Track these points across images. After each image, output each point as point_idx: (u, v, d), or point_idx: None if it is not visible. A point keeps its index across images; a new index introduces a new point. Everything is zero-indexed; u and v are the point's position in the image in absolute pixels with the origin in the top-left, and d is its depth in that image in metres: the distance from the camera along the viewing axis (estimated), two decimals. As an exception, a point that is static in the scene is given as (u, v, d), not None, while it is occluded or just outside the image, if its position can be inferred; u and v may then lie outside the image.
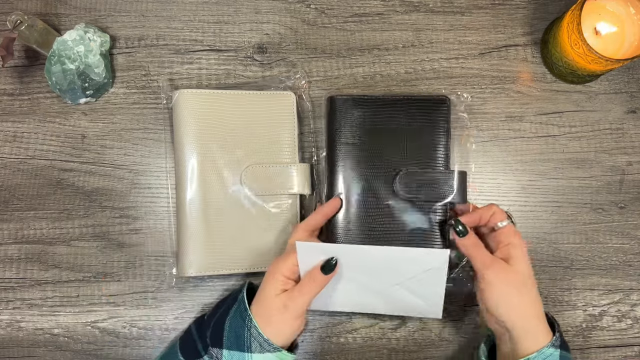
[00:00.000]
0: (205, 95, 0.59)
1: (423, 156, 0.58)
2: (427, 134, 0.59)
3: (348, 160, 0.58)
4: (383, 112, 0.59)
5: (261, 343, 0.49)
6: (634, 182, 0.65)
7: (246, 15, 0.65)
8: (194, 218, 0.58)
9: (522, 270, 0.51)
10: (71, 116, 0.63)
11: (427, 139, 0.59)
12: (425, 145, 0.59)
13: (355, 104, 0.59)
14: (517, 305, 0.50)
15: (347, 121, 0.59)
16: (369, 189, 0.58)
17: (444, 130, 0.59)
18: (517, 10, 0.66)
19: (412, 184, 0.57)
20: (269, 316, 0.50)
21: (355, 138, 0.59)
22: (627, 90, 0.66)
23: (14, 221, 0.61)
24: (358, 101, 0.59)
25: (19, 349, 0.60)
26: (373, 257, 0.52)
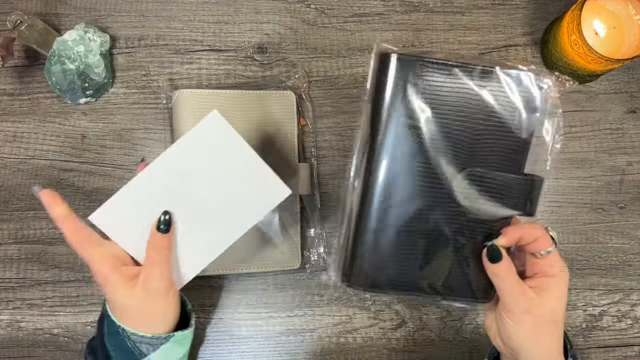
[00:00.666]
0: (205, 95, 0.59)
1: (494, 155, 0.44)
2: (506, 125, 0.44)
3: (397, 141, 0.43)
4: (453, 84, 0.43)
5: (148, 342, 0.45)
6: (634, 182, 0.65)
7: (246, 15, 0.65)
8: (194, 218, 0.58)
9: (553, 309, 0.43)
10: (71, 116, 0.63)
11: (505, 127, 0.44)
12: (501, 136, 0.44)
13: (417, 70, 0.42)
14: (539, 346, 0.44)
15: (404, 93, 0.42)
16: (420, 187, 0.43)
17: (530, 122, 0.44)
18: (517, 10, 0.66)
19: (475, 187, 0.44)
20: (137, 316, 0.45)
21: (412, 117, 0.42)
22: (627, 90, 0.66)
23: (14, 221, 0.61)
24: (427, 66, 0.42)
25: (19, 349, 0.60)
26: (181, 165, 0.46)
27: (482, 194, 0.44)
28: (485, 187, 0.44)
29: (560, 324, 0.44)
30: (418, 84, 0.42)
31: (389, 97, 0.43)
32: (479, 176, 0.44)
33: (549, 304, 0.43)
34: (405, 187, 0.43)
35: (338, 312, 0.62)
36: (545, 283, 0.44)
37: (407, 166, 0.43)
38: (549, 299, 0.43)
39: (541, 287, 0.44)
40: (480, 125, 0.43)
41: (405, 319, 0.62)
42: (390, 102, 0.43)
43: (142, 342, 0.46)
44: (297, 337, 0.62)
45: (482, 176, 0.44)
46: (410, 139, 0.43)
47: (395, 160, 0.43)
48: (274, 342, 0.61)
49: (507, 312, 0.43)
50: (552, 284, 0.44)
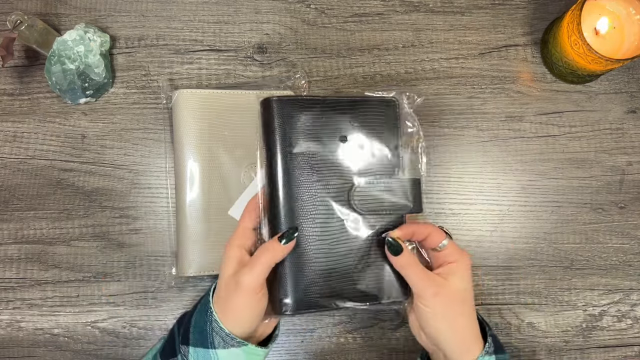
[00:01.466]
0: (205, 95, 0.59)
1: (375, 164, 0.51)
2: (377, 139, 0.51)
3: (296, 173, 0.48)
4: (331, 117, 0.50)
5: (223, 337, 0.46)
6: (634, 182, 0.65)
7: (246, 15, 0.65)
8: (194, 218, 0.58)
9: (460, 289, 0.48)
10: (71, 116, 0.63)
11: (378, 145, 0.51)
12: (377, 152, 0.51)
13: (296, 107, 0.49)
14: (450, 327, 0.47)
15: (288, 126, 0.49)
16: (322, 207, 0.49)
17: (394, 134, 0.52)
18: (517, 10, 0.66)
19: (367, 197, 0.50)
20: (225, 301, 0.46)
21: (302, 146, 0.49)
22: (627, 90, 0.66)
23: (14, 221, 0.61)
24: (299, 103, 0.49)
25: (19, 349, 0.60)
26: None
27: (374, 199, 0.50)
28: (375, 193, 0.50)
29: (470, 303, 0.48)
30: (296, 118, 0.49)
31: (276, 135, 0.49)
32: (368, 184, 0.50)
33: (455, 284, 0.48)
34: (307, 214, 0.48)
35: (338, 312, 0.62)
36: (448, 269, 0.49)
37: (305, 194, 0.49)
38: (455, 280, 0.48)
39: (446, 272, 0.48)
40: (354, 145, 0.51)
41: (406, 319, 0.62)
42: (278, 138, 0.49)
43: (218, 334, 0.46)
44: (297, 337, 0.62)
45: (370, 184, 0.50)
46: (303, 169, 0.49)
47: (291, 192, 0.48)
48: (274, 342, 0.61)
49: (420, 298, 0.47)
50: (454, 268, 0.48)
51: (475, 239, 0.63)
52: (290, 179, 0.48)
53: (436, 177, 0.64)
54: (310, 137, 0.49)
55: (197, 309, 0.49)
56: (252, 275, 0.45)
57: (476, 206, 0.64)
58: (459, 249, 0.50)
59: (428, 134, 0.64)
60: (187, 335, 0.48)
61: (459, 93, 0.65)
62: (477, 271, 0.63)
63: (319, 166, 0.49)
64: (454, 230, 0.63)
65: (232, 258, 0.47)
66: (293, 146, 0.48)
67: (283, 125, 0.48)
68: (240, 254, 0.47)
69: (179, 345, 0.49)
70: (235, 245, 0.48)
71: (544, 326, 0.63)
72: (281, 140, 0.48)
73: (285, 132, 0.48)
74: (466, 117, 0.64)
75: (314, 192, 0.49)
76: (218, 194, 0.59)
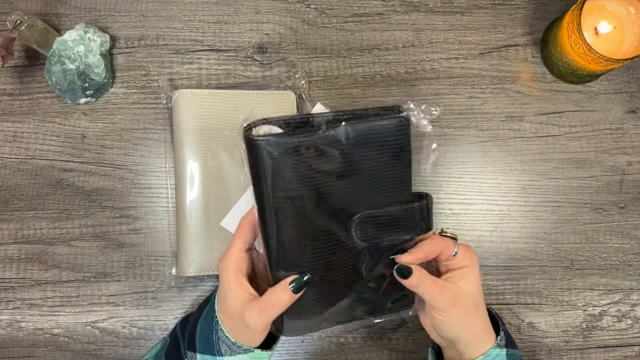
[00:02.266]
0: (205, 95, 0.59)
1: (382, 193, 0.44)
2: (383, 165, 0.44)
3: (288, 217, 0.43)
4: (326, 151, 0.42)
5: (229, 346, 0.47)
6: (634, 182, 0.65)
7: (246, 15, 0.65)
8: (194, 218, 0.58)
9: (473, 292, 0.47)
10: (71, 116, 0.63)
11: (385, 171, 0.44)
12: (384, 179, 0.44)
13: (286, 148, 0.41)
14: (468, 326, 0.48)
15: (281, 173, 0.41)
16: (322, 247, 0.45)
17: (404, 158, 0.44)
18: (517, 10, 0.66)
19: (370, 229, 0.45)
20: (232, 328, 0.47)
21: (294, 190, 0.42)
22: (627, 90, 0.66)
23: (14, 221, 0.61)
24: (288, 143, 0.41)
25: (19, 349, 0.60)
26: None
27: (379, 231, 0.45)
28: (380, 224, 0.45)
29: (481, 305, 0.49)
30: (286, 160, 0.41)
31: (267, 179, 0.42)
32: (372, 217, 0.44)
33: (467, 289, 0.47)
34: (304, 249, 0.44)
35: (338, 312, 0.62)
36: (459, 274, 0.48)
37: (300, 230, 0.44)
38: (466, 285, 0.47)
39: (457, 278, 0.48)
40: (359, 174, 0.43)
41: (406, 319, 0.62)
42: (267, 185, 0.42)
43: (225, 343, 0.47)
44: (297, 337, 0.61)
45: (374, 216, 0.44)
46: (295, 211, 0.43)
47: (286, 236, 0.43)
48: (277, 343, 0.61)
49: (436, 310, 0.47)
50: (465, 274, 0.48)
51: (475, 239, 0.63)
52: (280, 224, 0.43)
53: (436, 177, 0.64)
54: (304, 178, 0.42)
55: (203, 316, 0.50)
56: (263, 320, 0.45)
57: (476, 206, 0.64)
58: (467, 251, 0.49)
59: (428, 134, 0.64)
60: (193, 342, 0.49)
61: (459, 93, 0.65)
62: (477, 271, 0.63)
63: (313, 205, 0.43)
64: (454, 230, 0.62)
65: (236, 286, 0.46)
66: (284, 191, 0.42)
67: (272, 171, 0.41)
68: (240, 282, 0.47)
69: (185, 351, 0.49)
70: (234, 270, 0.47)
71: (544, 326, 0.63)
72: (272, 187, 0.42)
73: (275, 179, 0.41)
74: (466, 117, 0.64)
75: (310, 231, 0.44)
76: (218, 194, 0.59)
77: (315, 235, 0.44)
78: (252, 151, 0.41)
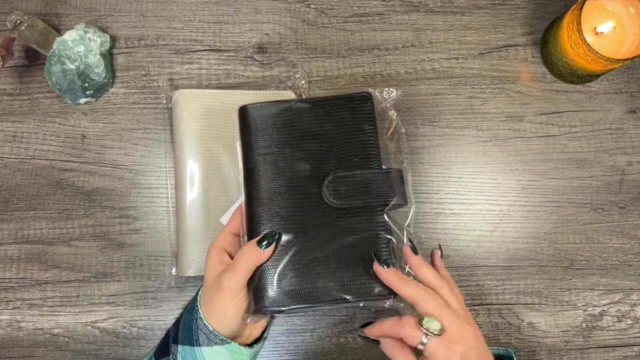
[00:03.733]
0: (205, 95, 0.59)
1: (352, 158, 0.51)
2: (352, 134, 0.52)
3: (269, 173, 0.50)
4: (303, 117, 0.52)
5: (207, 335, 0.47)
6: (634, 182, 0.65)
7: (246, 15, 0.65)
8: (194, 218, 0.58)
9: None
10: (71, 116, 0.63)
11: (354, 139, 0.52)
12: (353, 146, 0.51)
13: (270, 112, 0.52)
14: None
15: (264, 131, 0.51)
16: (296, 202, 0.50)
17: (370, 128, 0.52)
18: (517, 10, 0.66)
19: (342, 188, 0.50)
20: (210, 302, 0.47)
21: (273, 147, 0.51)
22: (627, 90, 0.66)
23: (14, 221, 0.61)
24: (273, 108, 0.52)
25: (19, 349, 0.60)
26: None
27: (350, 192, 0.50)
28: (351, 185, 0.50)
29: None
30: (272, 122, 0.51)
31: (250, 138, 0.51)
32: (342, 177, 0.50)
33: None
34: (284, 209, 0.49)
35: (338, 312, 0.62)
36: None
37: (281, 189, 0.50)
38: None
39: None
40: (332, 141, 0.51)
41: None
42: (251, 141, 0.51)
43: (202, 331, 0.47)
44: (297, 337, 0.62)
45: (344, 176, 0.50)
46: (276, 167, 0.50)
47: (264, 193, 0.50)
48: (274, 342, 0.61)
49: None
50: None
51: (475, 239, 0.63)
52: (262, 179, 0.50)
53: (436, 177, 0.64)
54: (283, 139, 0.51)
55: (186, 308, 0.50)
56: (233, 279, 0.47)
57: (476, 206, 0.64)
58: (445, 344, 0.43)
59: (428, 134, 0.64)
60: (176, 334, 0.49)
61: (459, 93, 0.65)
62: (477, 271, 0.63)
63: (293, 167, 0.50)
64: (454, 230, 0.63)
65: (213, 258, 0.49)
66: (266, 148, 0.51)
67: (257, 130, 0.51)
68: (220, 254, 0.49)
69: (170, 345, 0.49)
70: (216, 246, 0.50)
71: (544, 326, 0.63)
72: (255, 143, 0.51)
73: (258, 136, 0.51)
74: (466, 117, 0.64)
75: (289, 191, 0.50)
76: (218, 194, 0.59)
77: (291, 194, 0.50)
78: (241, 115, 0.52)
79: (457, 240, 0.63)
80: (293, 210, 0.49)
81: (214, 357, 0.47)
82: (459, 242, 0.63)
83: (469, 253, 0.63)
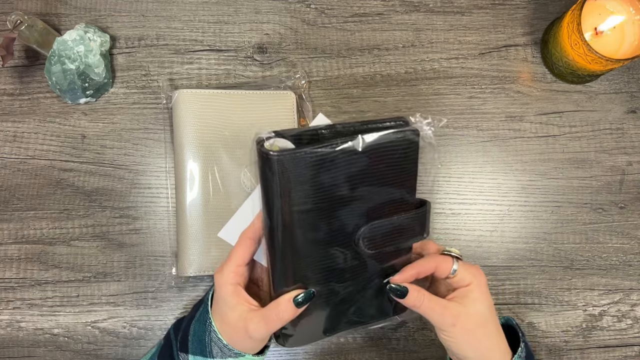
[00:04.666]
0: (205, 95, 0.59)
1: (390, 203, 0.46)
2: (393, 177, 0.45)
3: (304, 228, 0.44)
4: (338, 167, 0.42)
5: (221, 348, 0.47)
6: (634, 182, 0.65)
7: (246, 15, 0.65)
8: (194, 218, 0.58)
9: (478, 311, 0.47)
10: (71, 116, 0.63)
11: (394, 181, 0.45)
12: (392, 189, 0.45)
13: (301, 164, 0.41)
14: (475, 346, 0.47)
15: (294, 187, 0.42)
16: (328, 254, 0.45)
17: (413, 167, 0.46)
18: (517, 10, 0.66)
19: (377, 238, 0.46)
20: (231, 336, 0.47)
21: (309, 204, 0.43)
22: (627, 90, 0.66)
23: (14, 221, 0.61)
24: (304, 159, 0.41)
25: (19, 349, 0.60)
26: None
27: (385, 239, 0.46)
28: (386, 233, 0.46)
29: (492, 322, 0.47)
30: (300, 175, 0.42)
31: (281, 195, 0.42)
32: (379, 226, 0.45)
33: (472, 308, 0.46)
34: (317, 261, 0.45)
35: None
36: (463, 292, 0.47)
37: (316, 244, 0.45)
38: (471, 304, 0.46)
39: (461, 296, 0.47)
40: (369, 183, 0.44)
41: (406, 319, 0.62)
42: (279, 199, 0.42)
43: (217, 345, 0.47)
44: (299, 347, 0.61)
45: (381, 225, 0.45)
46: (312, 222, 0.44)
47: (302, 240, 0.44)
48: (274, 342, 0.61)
49: (440, 330, 0.47)
50: (469, 291, 0.47)
51: (475, 239, 0.63)
52: (295, 235, 0.44)
53: (436, 177, 0.64)
54: (316, 193, 0.43)
55: (196, 318, 0.50)
56: (266, 331, 0.46)
57: (476, 206, 0.64)
58: (471, 268, 0.48)
59: (428, 134, 0.64)
60: (185, 343, 0.49)
61: (459, 93, 0.65)
62: (477, 271, 0.63)
63: (324, 218, 0.44)
64: (454, 230, 0.63)
65: (231, 296, 0.46)
66: (298, 206, 0.43)
67: (285, 186, 0.42)
68: (237, 292, 0.47)
69: (178, 353, 0.49)
70: (230, 283, 0.47)
71: (544, 326, 0.63)
72: (283, 201, 0.42)
73: (288, 194, 0.42)
74: (466, 117, 0.64)
75: (321, 244, 0.45)
76: (218, 194, 0.59)
77: (322, 249, 0.45)
78: (268, 166, 0.41)
79: (457, 240, 0.63)
80: (325, 262, 0.46)
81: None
82: (459, 242, 0.63)
83: (469, 253, 0.63)
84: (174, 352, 0.50)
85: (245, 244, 0.47)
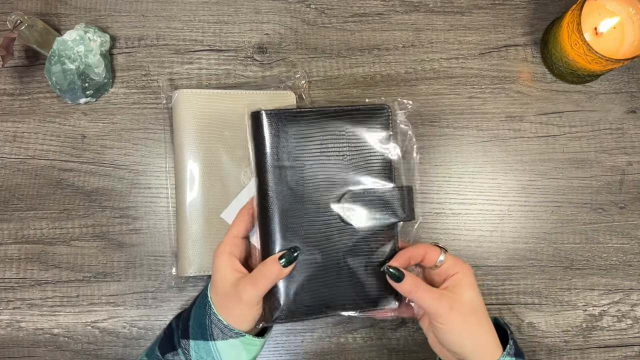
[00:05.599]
0: (205, 95, 0.59)
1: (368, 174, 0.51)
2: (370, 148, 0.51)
3: (286, 187, 0.49)
4: (320, 128, 0.50)
5: (222, 329, 0.48)
6: (634, 182, 0.65)
7: (246, 15, 0.65)
8: (194, 218, 0.58)
9: (471, 298, 0.48)
10: (71, 116, 0.63)
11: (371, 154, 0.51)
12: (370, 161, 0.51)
13: (285, 119, 0.49)
14: (470, 332, 0.47)
15: (280, 142, 0.49)
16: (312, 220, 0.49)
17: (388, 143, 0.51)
18: (517, 10, 0.66)
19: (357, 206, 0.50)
20: (225, 307, 0.48)
21: (291, 160, 0.49)
22: (627, 90, 0.66)
23: (14, 221, 0.61)
24: (288, 116, 0.49)
25: (19, 349, 0.60)
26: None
27: (364, 209, 0.50)
28: (365, 203, 0.50)
29: (483, 310, 0.49)
30: (287, 131, 0.49)
31: (265, 149, 0.49)
32: (358, 194, 0.50)
33: (464, 295, 0.48)
34: (298, 228, 0.49)
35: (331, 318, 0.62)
36: (453, 281, 0.49)
37: (298, 205, 0.49)
38: (462, 291, 0.48)
39: (452, 285, 0.49)
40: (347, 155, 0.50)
41: (406, 319, 0.62)
42: (267, 153, 0.49)
43: (217, 326, 0.48)
44: (297, 337, 0.62)
45: (359, 194, 0.50)
46: (293, 181, 0.49)
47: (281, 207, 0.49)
48: (274, 342, 0.61)
49: (435, 317, 0.47)
50: (458, 279, 0.49)
51: (475, 239, 0.63)
52: (280, 194, 0.49)
53: (436, 177, 0.64)
54: (300, 150, 0.49)
55: (196, 304, 0.51)
56: (255, 292, 0.47)
57: (476, 206, 0.64)
58: (458, 259, 0.50)
59: (428, 134, 0.64)
60: (186, 330, 0.50)
61: (459, 93, 0.65)
62: (477, 271, 0.63)
63: (309, 179, 0.49)
64: (454, 230, 0.63)
65: (224, 264, 0.49)
66: (282, 160, 0.49)
67: (272, 139, 0.49)
68: (230, 261, 0.49)
69: (179, 340, 0.50)
70: (225, 252, 0.49)
71: (544, 326, 0.63)
72: (270, 155, 0.49)
73: (275, 147, 0.49)
74: (466, 117, 0.64)
75: (304, 205, 0.49)
76: (218, 194, 0.59)
77: (307, 209, 0.49)
78: (256, 122, 0.49)
79: (457, 240, 0.63)
80: (310, 226, 0.49)
81: (228, 349, 0.48)
82: (459, 242, 0.63)
83: (469, 253, 0.63)
84: (175, 340, 0.50)
85: (242, 218, 0.50)
